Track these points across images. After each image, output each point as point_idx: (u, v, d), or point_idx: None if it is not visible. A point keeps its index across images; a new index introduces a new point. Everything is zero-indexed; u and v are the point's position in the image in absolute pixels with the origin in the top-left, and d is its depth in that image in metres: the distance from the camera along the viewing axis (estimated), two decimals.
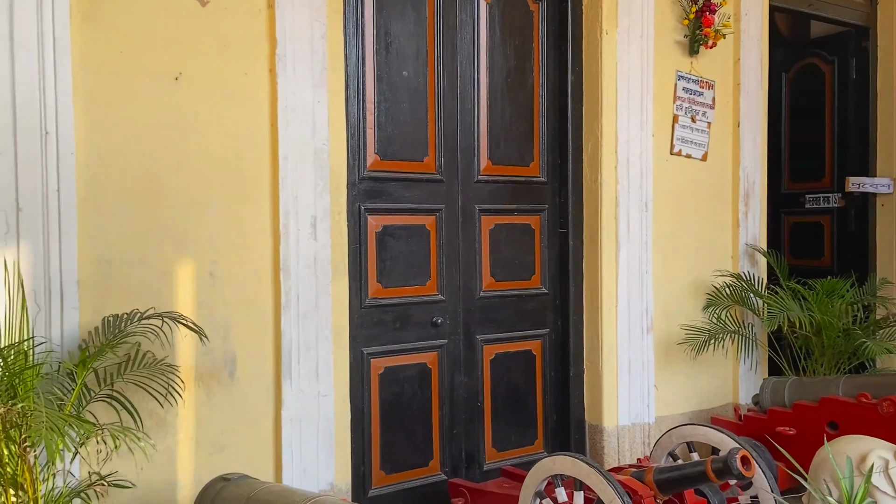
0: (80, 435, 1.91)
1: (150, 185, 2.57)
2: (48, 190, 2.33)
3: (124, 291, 2.51)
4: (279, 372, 2.80)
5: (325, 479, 2.87)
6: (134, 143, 2.53)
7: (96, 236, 2.45)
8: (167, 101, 2.58)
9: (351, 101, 3.04)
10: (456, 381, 3.40)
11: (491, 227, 3.52)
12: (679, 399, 3.93)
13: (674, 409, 3.88)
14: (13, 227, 2.27)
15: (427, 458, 3.33)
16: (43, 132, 2.31)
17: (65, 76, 2.34)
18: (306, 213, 2.85)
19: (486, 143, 3.48)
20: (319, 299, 2.88)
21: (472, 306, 3.45)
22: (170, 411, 2.52)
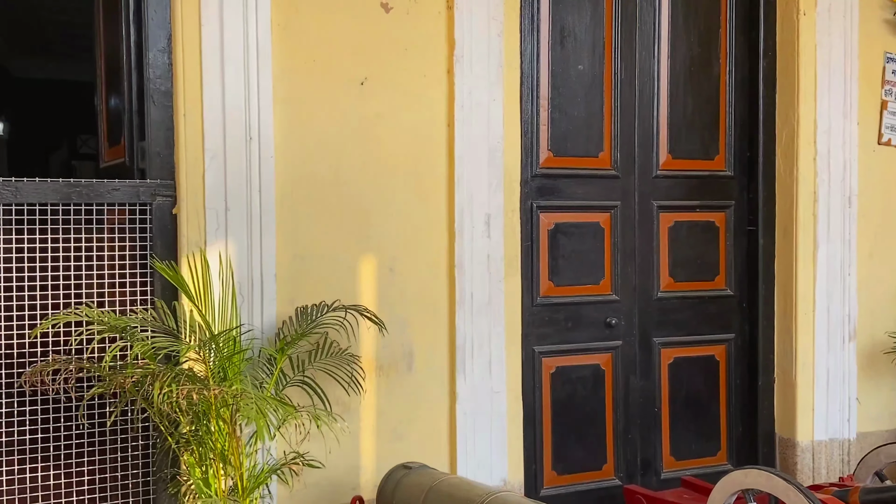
0: (280, 416, 2.07)
1: (336, 185, 2.73)
2: (251, 191, 2.55)
3: (313, 285, 2.68)
4: (453, 366, 2.87)
5: (498, 474, 2.89)
6: (323, 146, 2.70)
7: (291, 233, 2.65)
8: (353, 105, 2.73)
9: (525, 98, 3.04)
10: (631, 384, 3.29)
11: (670, 225, 3.36)
12: (885, 414, 3.51)
13: (879, 426, 3.48)
14: (223, 225, 2.51)
15: (600, 461, 3.25)
16: (247, 138, 2.53)
17: (266, 85, 2.55)
18: (480, 210, 2.89)
19: (666, 136, 3.32)
20: (492, 296, 2.91)
21: (648, 307, 3.32)
22: (353, 399, 2.65)
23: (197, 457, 2.21)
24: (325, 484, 2.66)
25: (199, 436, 2.22)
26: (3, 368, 2.39)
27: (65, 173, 10.27)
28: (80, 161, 11.20)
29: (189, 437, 2.24)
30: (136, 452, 2.50)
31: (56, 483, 2.50)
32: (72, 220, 2.44)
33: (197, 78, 2.47)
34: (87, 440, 2.45)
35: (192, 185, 2.50)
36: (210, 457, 2.19)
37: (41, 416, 2.42)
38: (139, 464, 2.52)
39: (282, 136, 2.61)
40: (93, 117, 3.40)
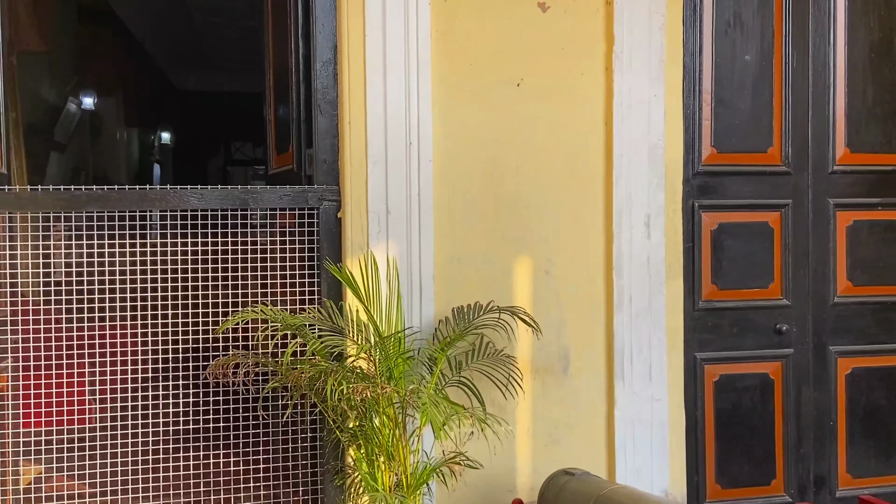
0: (446, 416, 2.10)
1: (492, 187, 2.73)
2: (410, 194, 2.61)
3: (469, 286, 2.70)
4: (611, 371, 2.79)
5: (659, 484, 2.79)
6: (479, 149, 2.72)
7: (448, 235, 2.68)
8: (509, 106, 2.73)
9: (687, 92, 2.91)
10: (804, 395, 3.06)
11: (848, 224, 3.09)
12: None
13: None
14: (384, 228, 2.58)
15: (769, 476, 3.05)
16: (407, 143, 2.59)
17: (425, 91, 2.60)
18: (639, 211, 2.79)
19: (844, 129, 3.06)
20: (652, 300, 2.81)
21: (823, 313, 3.07)
22: (510, 401, 2.65)
23: (364, 452, 2.28)
24: (482, 484, 2.67)
25: (366, 431, 2.30)
26: (191, 362, 2.59)
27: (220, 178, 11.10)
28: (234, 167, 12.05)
29: (356, 431, 2.32)
30: (306, 444, 2.63)
31: (235, 469, 2.68)
32: (248, 224, 2.61)
33: (361, 87, 2.56)
34: (261, 430, 2.61)
35: (355, 189, 2.59)
36: (376, 452, 2.26)
37: (223, 406, 2.60)
38: (308, 455, 2.64)
39: (439, 140, 2.65)
40: (246, 125, 3.62)
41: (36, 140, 5.88)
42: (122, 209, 2.50)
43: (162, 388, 2.65)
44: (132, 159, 9.61)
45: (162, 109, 10.46)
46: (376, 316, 2.27)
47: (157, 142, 10.65)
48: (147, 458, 2.64)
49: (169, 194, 2.53)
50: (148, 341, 2.60)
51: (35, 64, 5.72)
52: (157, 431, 2.68)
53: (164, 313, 2.57)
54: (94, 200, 2.47)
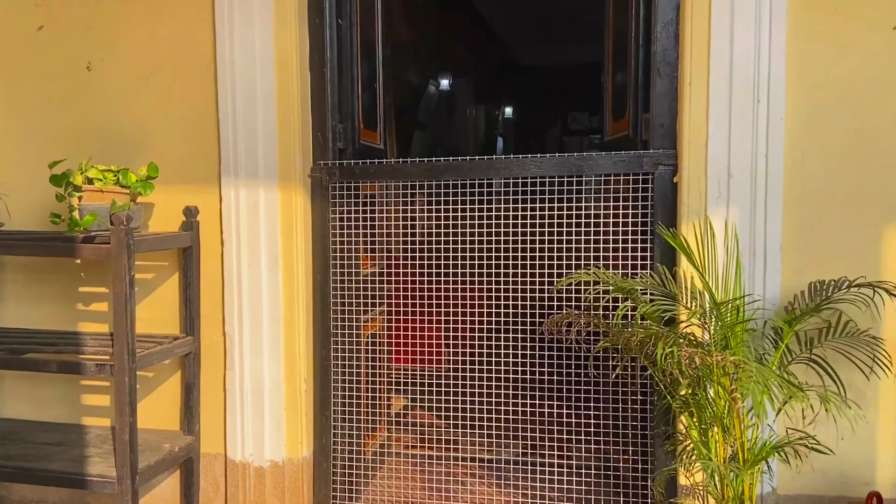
0: (784, 393, 1.96)
1: (858, 146, 2.42)
2: (757, 156, 2.44)
3: (823, 256, 2.45)
4: None
5: None
6: (843, 103, 2.42)
7: (799, 200, 2.46)
8: (882, 54, 2.38)
9: None
10: None
11: None
12: None
13: None
14: (724, 193, 2.47)
15: None
16: (755, 100, 2.43)
17: (779, 42, 2.40)
18: None
19: None
20: None
21: None
22: (870, 386, 2.36)
23: (695, 420, 2.25)
24: (832, 472, 2.44)
25: (697, 400, 2.26)
26: (528, 318, 2.81)
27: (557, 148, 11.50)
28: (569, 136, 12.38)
29: (688, 398, 2.29)
30: (636, 406, 2.68)
31: (567, 420, 2.85)
32: (584, 190, 2.70)
33: (704, 44, 2.46)
34: (593, 388, 2.72)
35: (693, 153, 2.51)
36: (708, 422, 2.21)
37: (556, 360, 2.78)
38: (638, 417, 2.69)
39: (793, 96, 2.43)
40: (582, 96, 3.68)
41: (404, 120, 6.78)
42: (473, 178, 2.78)
43: (503, 339, 2.93)
44: (479, 133, 10.49)
45: (506, 85, 11.19)
46: (711, 283, 2.20)
47: (501, 116, 11.44)
48: (489, 400, 2.95)
49: (512, 163, 2.74)
50: (493, 297, 2.89)
51: (403, 52, 6.56)
52: (498, 378, 2.97)
53: (507, 272, 2.82)
54: (450, 170, 2.80)
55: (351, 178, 2.90)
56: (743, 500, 2.12)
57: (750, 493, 2.14)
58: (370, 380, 3.17)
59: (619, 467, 2.85)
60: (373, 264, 3.16)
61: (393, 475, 3.24)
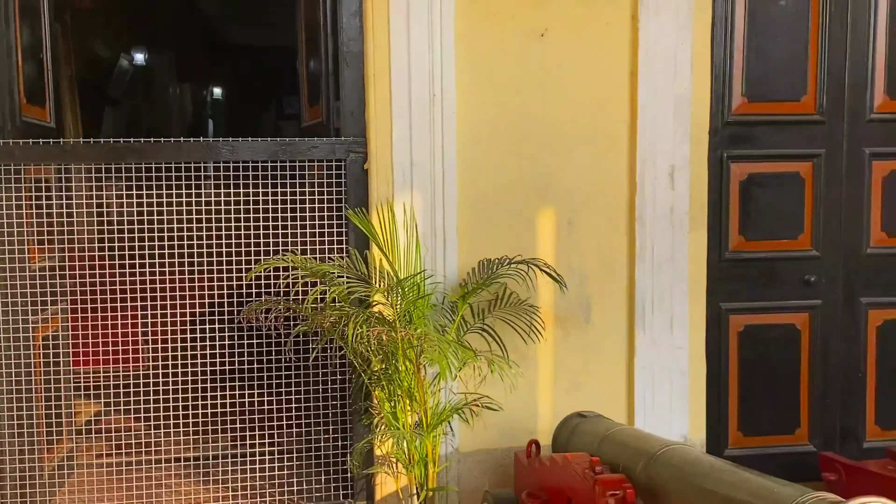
0: (460, 359, 2.19)
1: (516, 139, 2.76)
2: (434, 146, 2.66)
3: (493, 237, 2.76)
4: (632, 320, 2.83)
5: (678, 429, 2.84)
6: (503, 100, 2.74)
7: (471, 187, 2.74)
8: (533, 57, 2.73)
9: (717, 40, 2.85)
10: (831, 346, 3.05)
11: (885, 175, 3.02)
12: None
13: None
14: (408, 179, 2.65)
15: (793, 425, 3.07)
16: (431, 95, 2.64)
17: (449, 43, 2.63)
18: (664, 162, 2.79)
19: (884, 76, 2.96)
20: (675, 251, 2.82)
21: (855, 265, 3.03)
22: (531, 348, 2.72)
23: (387, 393, 2.40)
24: (504, 426, 2.77)
25: (389, 374, 2.41)
26: (226, 306, 2.74)
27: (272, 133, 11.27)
28: (286, 121, 12.21)
29: (380, 374, 2.44)
30: (335, 386, 2.77)
31: (269, 408, 2.85)
32: (278, 175, 2.70)
33: (385, 39, 2.60)
34: (293, 372, 2.75)
35: (380, 141, 2.66)
36: (398, 393, 2.38)
37: (255, 348, 2.75)
38: (338, 396, 2.79)
39: (463, 92, 2.69)
40: (295, 80, 3.70)
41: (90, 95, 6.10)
42: (160, 161, 2.62)
43: (202, 331, 2.82)
44: (186, 114, 9.84)
45: (214, 65, 10.63)
46: (395, 263, 2.36)
47: (209, 97, 10.87)
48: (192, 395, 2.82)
49: (202, 147, 2.64)
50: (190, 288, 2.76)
51: (88, 21, 5.89)
52: (203, 371, 2.86)
53: (200, 261, 2.71)
54: (132, 153, 2.60)
55: (10, 160, 2.55)
56: (426, 461, 2.32)
57: (433, 455, 2.35)
58: (48, 387, 2.84)
59: (324, 447, 2.93)
60: (49, 257, 2.81)
61: (85, 487, 2.95)
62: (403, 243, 2.48)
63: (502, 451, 2.78)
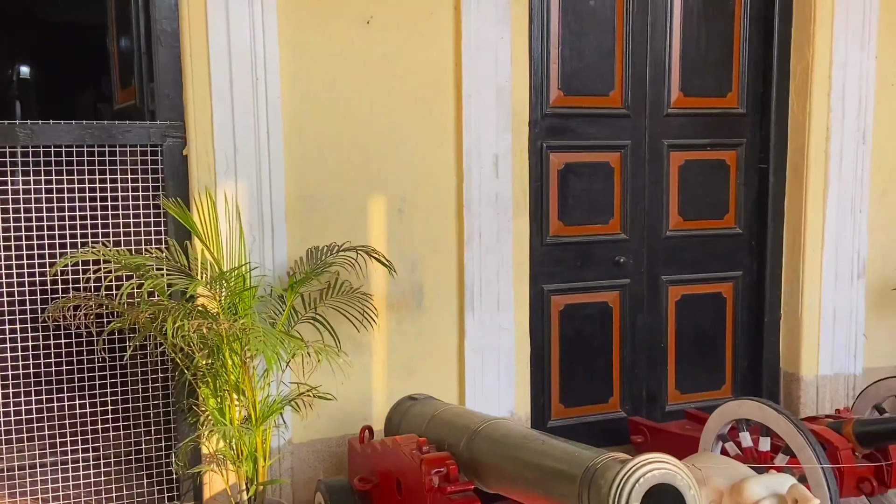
0: (289, 350, 2.15)
1: (345, 126, 2.75)
2: (259, 132, 2.58)
3: (324, 225, 2.74)
4: (462, 304, 2.93)
5: (506, 406, 2.99)
6: (331, 86, 2.71)
7: (300, 174, 2.69)
8: (360, 44, 2.73)
9: (535, 35, 3.01)
10: (638, 321, 3.34)
11: (681, 164, 3.34)
12: (893, 350, 3.55)
13: (886, 361, 3.51)
14: (232, 166, 2.56)
15: (606, 394, 3.33)
16: (254, 79, 2.55)
17: (271, 26, 2.55)
18: (488, 151, 2.90)
19: (679, 74, 3.28)
20: (500, 236, 2.95)
21: (657, 246, 3.34)
22: (365, 335, 2.73)
23: (212, 388, 2.31)
24: (339, 415, 2.77)
25: (215, 369, 2.32)
26: (28, 304, 2.50)
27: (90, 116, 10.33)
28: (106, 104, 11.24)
29: (205, 370, 2.34)
30: (157, 384, 2.62)
31: (82, 412, 2.63)
32: (85, 161, 2.49)
33: (202, 17, 2.48)
34: (108, 372, 2.56)
35: (200, 126, 2.54)
36: (224, 388, 2.30)
37: (65, 349, 2.53)
38: (160, 395, 2.64)
39: (289, 77, 2.63)
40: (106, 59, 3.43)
41: None
42: None
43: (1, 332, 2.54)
44: None
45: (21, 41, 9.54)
46: (217, 254, 2.27)
47: (15, 76, 9.76)
48: None
49: None
50: None
51: None
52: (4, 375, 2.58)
53: None
54: None
55: None
56: (256, 456, 2.26)
57: (264, 448, 2.30)
58: None
59: (146, 449, 2.76)
60: None
61: None
62: (226, 233, 2.38)
63: (337, 440, 2.77)
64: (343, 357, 2.30)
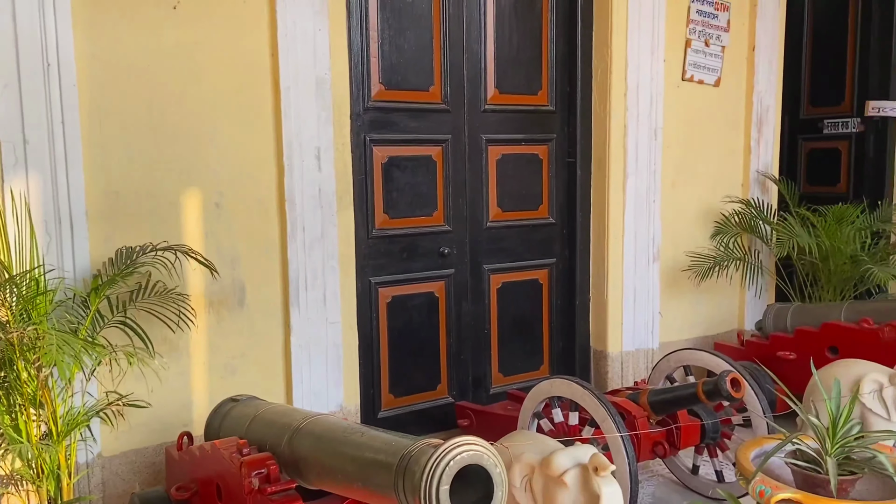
0: (94, 357, 2.00)
1: (152, 117, 2.59)
2: (53, 122, 2.37)
3: (133, 222, 2.57)
4: (287, 299, 2.88)
5: (335, 400, 2.99)
6: (135, 74, 2.55)
7: (102, 168, 2.50)
8: (166, 30, 2.58)
9: (354, 28, 3.01)
10: (463, 309, 3.47)
11: (498, 158, 3.51)
12: (684, 326, 3.97)
13: (678, 336, 3.92)
14: (21, 159, 2.32)
15: (435, 382, 3.43)
16: (45, 64, 2.34)
17: (64, 7, 2.34)
18: (310, 144, 2.87)
19: (494, 72, 3.43)
20: (325, 230, 2.93)
21: (479, 236, 3.49)
22: (182, 337, 2.61)
23: (5, 404, 2.10)
24: (154, 423, 2.62)
25: (8, 381, 2.11)
26: None
27: None
28: None
29: None
30: None
31: None
32: None
33: None
34: None
35: None
36: (19, 402, 2.10)
37: None
38: None
39: (86, 63, 2.43)
40: None
41: None
42: None
43: None
44: None
45: None
46: (4, 256, 2.06)
47: None
48: None
49: None
50: None
51: None
52: None
53: None
54: None
55: None
56: (59, 474, 2.09)
57: (68, 465, 2.13)
58: None
59: None
60: None
61: None
62: (15, 233, 2.17)
63: (154, 449, 2.63)
64: (159, 360, 2.18)
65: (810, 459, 1.90)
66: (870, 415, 2.45)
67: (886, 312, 3.17)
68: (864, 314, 3.21)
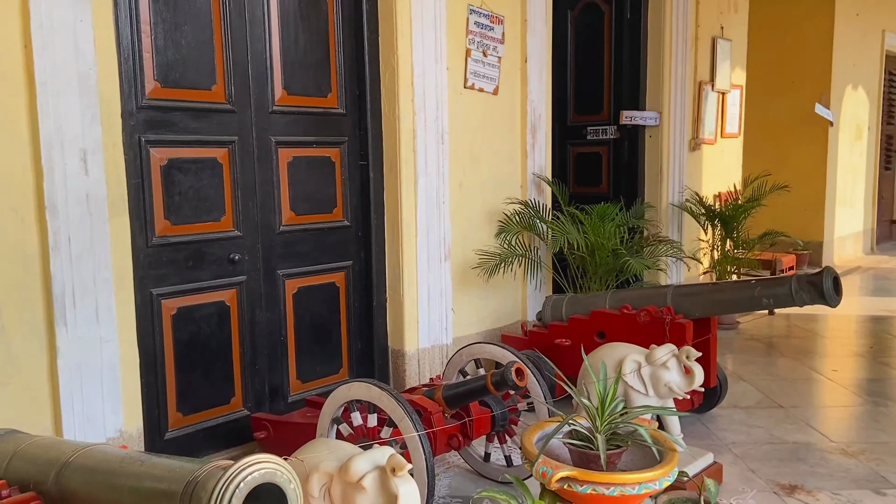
0: None
1: None
2: None
3: None
4: (52, 318, 2.59)
5: (113, 425, 2.74)
6: None
7: None
8: None
9: (122, 21, 2.78)
10: (257, 317, 3.35)
11: (289, 160, 3.43)
12: (474, 320, 4.18)
13: (469, 330, 4.12)
14: None
15: (228, 395, 3.28)
16: None
17: None
18: (74, 145, 2.60)
19: (280, 72, 3.35)
20: (95, 240, 2.68)
21: (271, 241, 3.38)
22: None
23: None
24: None
25: None
26: None
27: None
28: None
29: None
30: None
31: None
32: None
33: None
34: None
35: None
36: None
37: None
38: None
39: None
40: None
41: None
42: None
43: None
44: None
45: None
46: None
47: None
48: None
49: None
50: None
51: None
52: None
53: None
54: None
55: None
56: None
57: None
58: None
59: None
60: None
61: None
62: None
63: None
64: None
65: (584, 438, 2.08)
66: (632, 392, 2.75)
67: (642, 298, 3.57)
68: (625, 301, 3.59)
